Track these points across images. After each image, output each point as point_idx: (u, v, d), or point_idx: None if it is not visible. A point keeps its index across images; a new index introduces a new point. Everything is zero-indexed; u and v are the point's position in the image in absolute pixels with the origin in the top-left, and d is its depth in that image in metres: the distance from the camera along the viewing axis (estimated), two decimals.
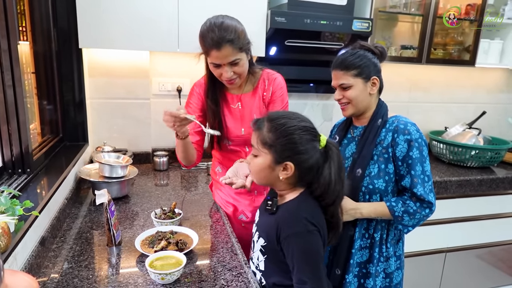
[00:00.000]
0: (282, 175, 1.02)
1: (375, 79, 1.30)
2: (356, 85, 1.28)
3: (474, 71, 2.78)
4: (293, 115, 1.05)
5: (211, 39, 1.31)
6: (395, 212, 1.24)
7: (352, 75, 1.28)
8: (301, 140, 1.00)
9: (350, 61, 1.28)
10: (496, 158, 2.43)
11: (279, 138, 1.00)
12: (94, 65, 2.04)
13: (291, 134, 1.00)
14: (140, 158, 2.18)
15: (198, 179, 2.03)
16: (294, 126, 1.00)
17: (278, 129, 1.01)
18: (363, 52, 1.29)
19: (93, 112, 2.08)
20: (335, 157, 1.02)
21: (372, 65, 1.29)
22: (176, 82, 2.21)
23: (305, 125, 1.02)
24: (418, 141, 1.25)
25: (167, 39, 1.84)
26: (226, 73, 1.38)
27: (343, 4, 2.08)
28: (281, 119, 1.02)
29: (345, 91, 1.30)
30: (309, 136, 1.01)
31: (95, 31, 1.75)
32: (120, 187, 1.65)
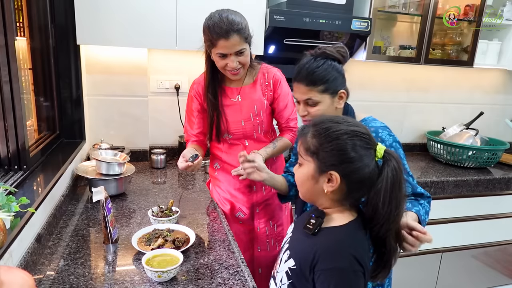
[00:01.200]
0: (326, 187, 0.87)
1: (343, 92, 1.19)
2: (324, 101, 1.17)
3: (472, 71, 2.79)
4: (342, 119, 0.91)
5: (220, 29, 1.36)
6: (421, 216, 1.13)
7: (319, 91, 1.16)
8: (348, 146, 0.85)
9: (317, 75, 1.15)
10: (493, 159, 2.44)
11: (323, 144, 0.87)
12: (92, 62, 2.02)
13: (337, 139, 0.86)
14: (137, 155, 2.17)
15: (195, 177, 2.02)
16: (341, 130, 0.87)
17: (322, 133, 0.88)
18: (330, 63, 1.16)
19: (90, 109, 2.07)
20: (391, 172, 0.84)
21: (339, 77, 1.18)
22: (174, 80, 2.20)
23: (354, 129, 0.87)
24: (393, 146, 1.16)
25: (165, 37, 1.83)
26: (232, 63, 1.42)
27: (342, 3, 2.07)
28: (326, 123, 0.90)
29: (310, 107, 1.19)
30: (359, 143, 0.86)
31: (93, 27, 1.74)
32: (117, 185, 1.64)
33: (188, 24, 1.83)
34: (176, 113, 2.23)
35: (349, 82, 1.38)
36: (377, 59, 2.33)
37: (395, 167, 0.85)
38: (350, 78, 2.68)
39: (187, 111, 1.65)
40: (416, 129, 2.85)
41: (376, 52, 2.32)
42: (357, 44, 2.24)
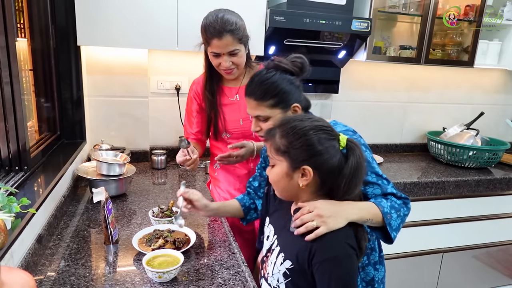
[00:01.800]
0: (301, 182, 0.92)
1: (296, 106, 1.12)
2: (274, 116, 1.12)
3: (472, 72, 2.79)
4: (305, 116, 0.96)
5: (213, 28, 1.38)
6: (384, 208, 1.03)
7: (268, 105, 1.11)
8: (315, 140, 0.90)
9: (264, 89, 1.10)
10: (494, 159, 2.43)
11: (292, 142, 0.91)
12: (92, 63, 2.03)
13: (304, 135, 0.90)
14: (138, 156, 2.18)
15: (196, 177, 2.02)
16: (306, 126, 0.91)
17: (289, 132, 0.92)
18: (279, 75, 1.10)
19: (91, 110, 2.08)
20: (356, 158, 0.90)
21: (291, 90, 1.11)
22: (174, 81, 2.20)
23: (318, 124, 0.92)
24: None
25: (166, 37, 1.84)
26: (225, 62, 1.44)
27: (342, 4, 2.07)
28: (291, 122, 0.93)
29: (262, 122, 1.14)
30: (324, 135, 0.91)
31: (94, 28, 1.74)
32: (118, 185, 1.64)
33: (189, 24, 1.83)
34: (177, 114, 2.23)
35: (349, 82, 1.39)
36: (378, 60, 2.34)
37: (358, 154, 0.91)
38: (351, 78, 2.70)
39: (187, 110, 1.67)
40: (416, 129, 2.85)
41: (377, 53, 2.32)
42: (357, 44, 2.24)
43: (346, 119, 2.57)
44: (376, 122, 2.73)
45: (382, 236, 1.09)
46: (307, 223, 0.91)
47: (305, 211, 0.93)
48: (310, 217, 0.91)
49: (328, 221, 0.90)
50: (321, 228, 0.89)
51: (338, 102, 2.59)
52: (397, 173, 2.32)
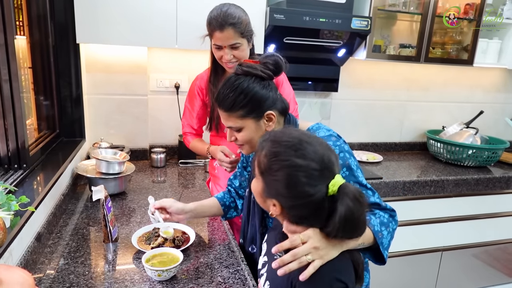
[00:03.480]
0: (272, 210, 0.83)
1: (270, 113, 1.05)
2: (247, 126, 1.05)
3: (472, 70, 2.79)
4: (300, 144, 0.79)
5: (216, 21, 1.42)
6: (374, 227, 0.94)
7: (239, 116, 1.04)
8: (288, 181, 0.77)
9: (233, 99, 1.02)
10: (493, 157, 2.44)
11: (269, 169, 0.81)
12: (92, 61, 2.02)
13: (280, 170, 0.78)
14: (137, 154, 2.17)
15: (195, 176, 2.02)
16: (287, 161, 0.78)
17: (271, 158, 0.80)
18: (248, 82, 1.02)
19: (90, 108, 2.07)
20: (345, 211, 0.75)
21: (263, 97, 1.03)
22: (174, 79, 2.20)
23: (302, 164, 0.77)
24: (340, 157, 1.00)
25: (165, 35, 1.83)
26: (226, 55, 1.46)
27: (342, 2, 2.07)
28: (280, 145, 0.80)
29: (236, 132, 1.08)
30: (304, 180, 0.76)
31: (93, 26, 1.73)
32: (117, 184, 1.64)
33: (188, 22, 1.83)
34: (176, 112, 2.22)
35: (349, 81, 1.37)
36: (377, 58, 2.33)
37: (349, 207, 0.75)
38: (350, 76, 2.70)
39: (189, 104, 1.69)
40: (416, 128, 2.85)
41: (376, 51, 2.32)
42: (357, 42, 2.24)
43: (346, 118, 2.62)
44: (376, 121, 2.73)
45: (372, 257, 1.00)
46: (301, 257, 0.79)
47: (297, 242, 0.80)
48: (305, 250, 0.79)
49: (323, 253, 0.80)
50: (317, 261, 0.78)
51: (338, 100, 2.59)
52: (396, 171, 2.32)
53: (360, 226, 0.78)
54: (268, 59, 1.05)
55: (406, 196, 2.19)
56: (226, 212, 1.37)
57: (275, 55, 1.05)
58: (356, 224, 0.77)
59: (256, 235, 1.21)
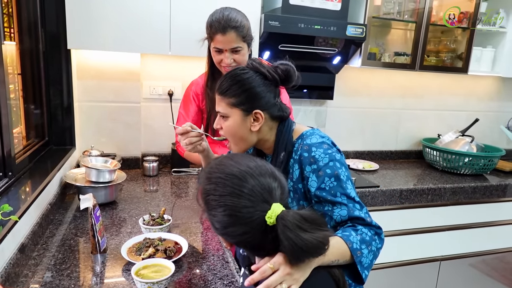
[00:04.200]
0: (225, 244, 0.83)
1: (259, 113, 1.00)
2: (233, 117, 1.02)
3: (466, 78, 2.80)
4: (229, 180, 0.75)
5: (218, 23, 1.39)
6: (353, 244, 0.88)
7: (229, 103, 1.01)
8: (223, 220, 0.74)
9: (229, 85, 1.00)
10: (489, 165, 2.42)
11: (204, 208, 0.78)
12: (83, 67, 1.98)
13: (212, 209, 0.75)
14: (129, 163, 2.12)
15: (188, 185, 1.97)
16: (216, 201, 0.74)
17: (204, 196, 0.78)
18: (248, 76, 1.00)
19: (81, 115, 2.02)
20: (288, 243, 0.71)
21: (260, 95, 1.00)
22: (167, 86, 2.17)
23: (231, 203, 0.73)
24: (329, 166, 0.96)
25: (159, 42, 1.80)
26: (227, 59, 1.43)
27: (337, 10, 2.06)
28: (210, 182, 0.77)
29: (223, 120, 1.05)
30: (239, 216, 0.73)
31: (85, 31, 1.70)
32: (107, 192, 1.59)
33: (182, 29, 1.80)
34: (169, 120, 2.19)
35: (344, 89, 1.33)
36: (373, 66, 2.32)
37: (291, 239, 0.70)
38: (345, 84, 2.68)
39: (183, 110, 1.65)
40: (411, 136, 2.84)
41: (372, 59, 2.31)
42: (352, 50, 2.23)
43: (341, 126, 2.60)
44: (371, 129, 2.71)
45: (351, 275, 0.93)
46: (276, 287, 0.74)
47: (268, 272, 0.75)
48: (279, 279, 0.75)
49: (297, 276, 0.76)
50: (293, 287, 0.75)
51: (333, 108, 2.57)
52: (393, 180, 2.29)
53: (316, 247, 0.72)
54: (280, 65, 1.01)
55: (403, 205, 2.16)
56: None
57: (289, 64, 1.01)
58: (309, 249, 0.72)
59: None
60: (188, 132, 1.17)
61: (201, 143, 1.20)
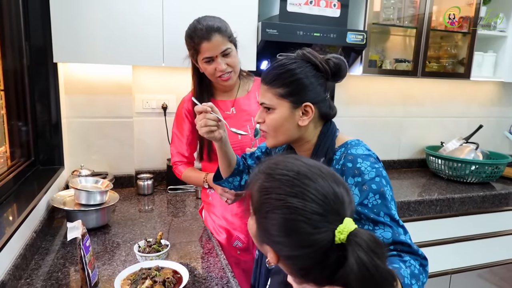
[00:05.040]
0: (269, 258, 0.67)
1: (309, 106, 0.93)
2: (280, 109, 0.94)
3: (467, 84, 2.74)
4: (298, 179, 0.63)
5: (200, 31, 1.31)
6: (404, 279, 0.80)
7: (277, 94, 0.93)
8: (280, 227, 0.62)
9: (278, 74, 0.93)
10: (496, 173, 2.35)
11: (259, 209, 0.65)
12: (71, 81, 1.88)
13: (270, 212, 0.63)
14: (122, 181, 2.00)
15: (186, 203, 1.86)
16: (280, 200, 0.62)
17: (263, 195, 0.65)
18: (299, 65, 0.93)
19: (69, 132, 1.91)
20: (357, 267, 0.57)
21: (310, 86, 0.92)
22: (161, 99, 2.06)
23: (298, 205, 0.60)
24: (375, 182, 0.88)
25: (151, 53, 1.71)
26: (220, 65, 1.34)
27: (336, 16, 1.99)
28: (272, 179, 0.65)
29: (266, 113, 0.97)
30: (303, 225, 0.60)
31: (72, 44, 1.60)
32: (99, 216, 1.47)
33: (176, 39, 1.71)
34: (164, 135, 2.08)
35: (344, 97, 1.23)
36: (375, 73, 2.25)
37: (363, 262, 0.56)
38: (346, 93, 2.60)
39: (177, 130, 1.53)
40: (414, 144, 2.76)
41: (372, 66, 2.24)
42: (353, 58, 2.16)
43: None
44: (373, 138, 2.63)
45: None
46: None
47: None
48: None
49: None
50: None
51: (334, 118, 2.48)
52: (399, 190, 2.20)
53: (387, 280, 0.59)
54: (333, 58, 0.94)
55: (412, 217, 2.07)
56: (234, 174, 1.20)
57: (342, 59, 0.94)
58: (381, 279, 0.58)
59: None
60: (207, 112, 1.06)
61: (217, 129, 1.09)
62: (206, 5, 1.72)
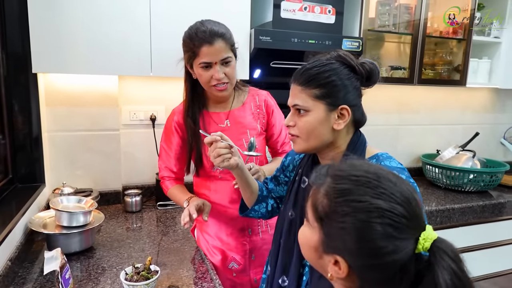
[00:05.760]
0: (331, 271, 0.60)
1: (345, 109, 0.89)
2: (315, 111, 0.89)
3: (461, 91, 2.71)
4: (377, 176, 0.58)
5: (203, 33, 1.21)
6: None
7: (312, 95, 0.88)
8: (365, 231, 0.55)
9: (313, 74, 0.88)
10: (494, 181, 2.30)
11: (333, 214, 0.58)
12: (53, 92, 1.76)
13: (352, 215, 0.56)
14: (108, 198, 1.89)
15: (176, 220, 1.75)
16: (364, 202, 0.56)
17: (337, 197, 0.58)
18: (338, 66, 0.89)
19: (51, 147, 1.79)
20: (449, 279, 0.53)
21: (346, 88, 0.89)
22: (149, 110, 1.96)
23: (385, 207, 0.55)
24: None
25: (138, 62, 1.61)
26: (218, 73, 1.24)
27: (331, 23, 1.93)
28: (347, 180, 0.59)
29: (299, 116, 0.91)
30: (387, 230, 0.54)
31: (52, 53, 1.49)
32: (82, 238, 1.35)
33: (164, 46, 1.62)
34: (153, 147, 1.97)
35: None
36: None
37: (455, 272, 0.52)
38: None
39: (165, 143, 1.43)
40: (410, 153, 2.71)
41: None
42: None
43: None
44: None
45: None
46: None
47: None
48: None
49: None
50: None
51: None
52: None
53: None
54: (366, 62, 0.92)
55: None
56: (259, 201, 1.14)
57: (375, 64, 0.92)
58: None
59: (291, 264, 0.98)
60: (217, 141, 1.01)
61: (232, 157, 1.03)
62: (197, 11, 1.63)
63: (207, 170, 1.37)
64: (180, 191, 1.39)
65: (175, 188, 1.40)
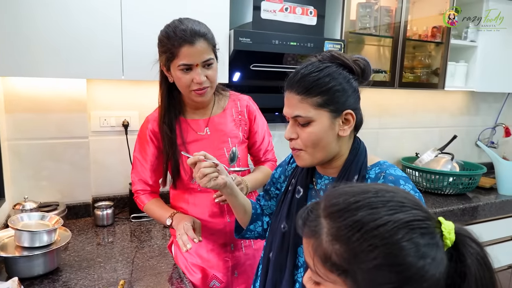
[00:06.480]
0: None
1: (349, 113, 0.84)
2: (319, 120, 0.82)
3: (438, 94, 2.73)
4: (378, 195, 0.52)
5: (183, 32, 1.11)
6: None
7: (314, 104, 0.82)
8: (407, 251, 0.47)
9: (312, 82, 0.82)
10: (472, 184, 2.32)
11: (361, 254, 0.48)
12: (13, 98, 1.60)
13: (375, 249, 0.48)
14: (76, 211, 1.74)
15: (152, 234, 1.64)
16: (387, 223, 0.48)
17: (355, 233, 0.49)
18: (335, 69, 0.83)
19: (12, 157, 1.63)
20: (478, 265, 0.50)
21: (347, 91, 0.83)
22: (121, 116, 1.83)
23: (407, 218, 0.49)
24: None
25: (109, 65, 1.49)
26: (199, 76, 1.13)
27: (312, 24, 1.87)
28: (347, 211, 0.51)
29: (302, 127, 0.85)
30: (421, 241, 0.47)
31: (13, 54, 1.35)
32: (46, 260, 1.22)
33: (137, 48, 1.51)
34: (125, 155, 1.85)
35: None
36: None
37: (480, 256, 0.50)
38: None
39: (139, 154, 1.31)
40: (389, 156, 2.69)
41: None
42: None
43: None
44: None
45: None
46: None
47: None
48: None
49: None
50: None
51: None
52: None
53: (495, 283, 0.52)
54: (360, 59, 0.86)
55: None
56: (254, 220, 1.07)
57: (366, 59, 0.88)
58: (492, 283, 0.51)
59: (282, 281, 0.91)
60: (201, 161, 0.93)
61: (218, 176, 0.95)
62: (172, 9, 1.52)
63: (185, 182, 1.27)
64: (159, 207, 1.28)
65: (151, 203, 1.29)
